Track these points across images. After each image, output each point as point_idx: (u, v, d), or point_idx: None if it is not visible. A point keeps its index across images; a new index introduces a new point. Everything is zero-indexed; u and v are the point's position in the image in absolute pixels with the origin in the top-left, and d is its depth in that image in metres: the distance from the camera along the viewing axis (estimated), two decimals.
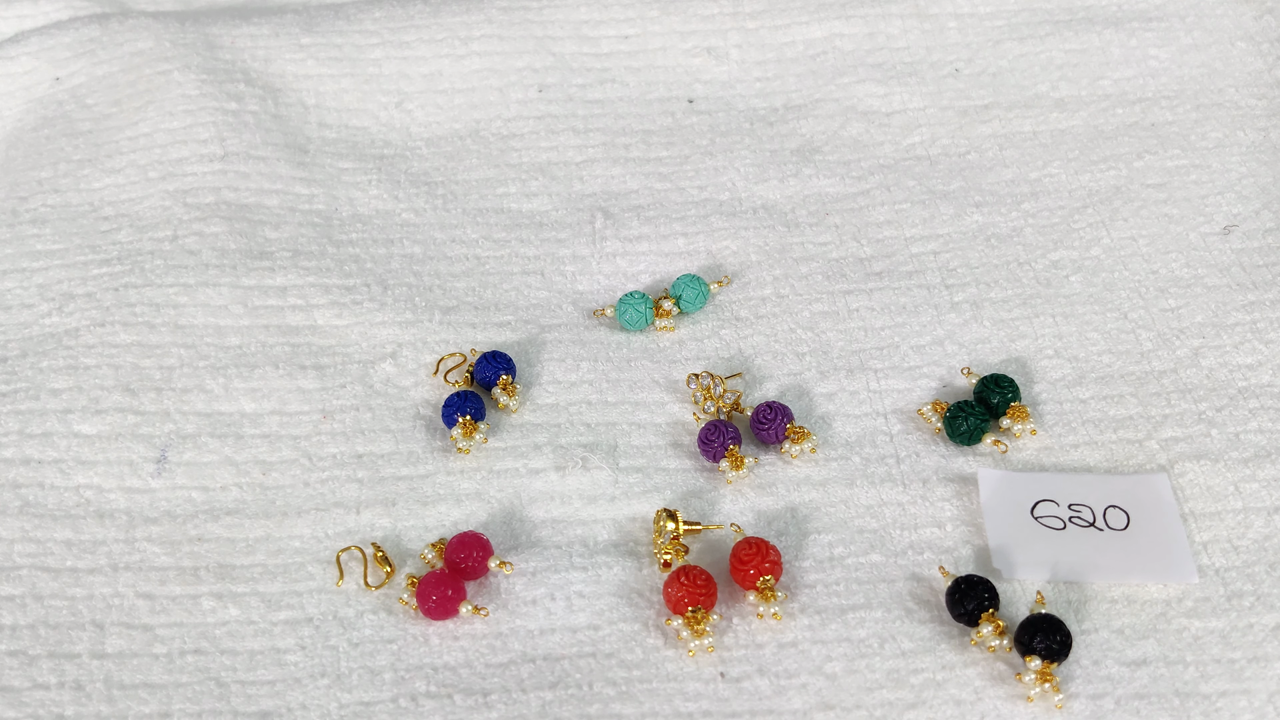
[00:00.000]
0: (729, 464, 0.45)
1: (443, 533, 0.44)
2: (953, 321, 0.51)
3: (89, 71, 0.64)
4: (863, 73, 0.63)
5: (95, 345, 0.50)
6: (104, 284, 0.53)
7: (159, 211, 0.56)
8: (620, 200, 0.58)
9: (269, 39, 0.64)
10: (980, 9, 0.65)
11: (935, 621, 0.41)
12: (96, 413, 0.48)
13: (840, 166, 0.58)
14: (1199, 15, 0.64)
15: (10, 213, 0.57)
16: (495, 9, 0.66)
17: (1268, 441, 0.45)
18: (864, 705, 0.38)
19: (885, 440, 0.46)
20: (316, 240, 0.55)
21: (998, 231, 0.55)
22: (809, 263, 0.54)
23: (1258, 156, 0.57)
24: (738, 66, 0.64)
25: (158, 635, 0.41)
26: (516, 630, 0.41)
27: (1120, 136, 0.59)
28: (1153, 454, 0.45)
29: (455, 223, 0.57)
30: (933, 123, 0.60)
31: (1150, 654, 0.39)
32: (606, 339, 0.51)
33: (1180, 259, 0.53)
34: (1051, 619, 0.38)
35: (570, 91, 0.63)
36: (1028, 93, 0.61)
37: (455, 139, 0.61)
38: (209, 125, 0.60)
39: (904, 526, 0.43)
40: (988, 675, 0.39)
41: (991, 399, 0.46)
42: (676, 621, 0.40)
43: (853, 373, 0.49)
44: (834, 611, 0.41)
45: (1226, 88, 0.61)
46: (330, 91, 0.63)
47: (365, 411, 0.48)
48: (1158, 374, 0.48)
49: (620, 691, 0.39)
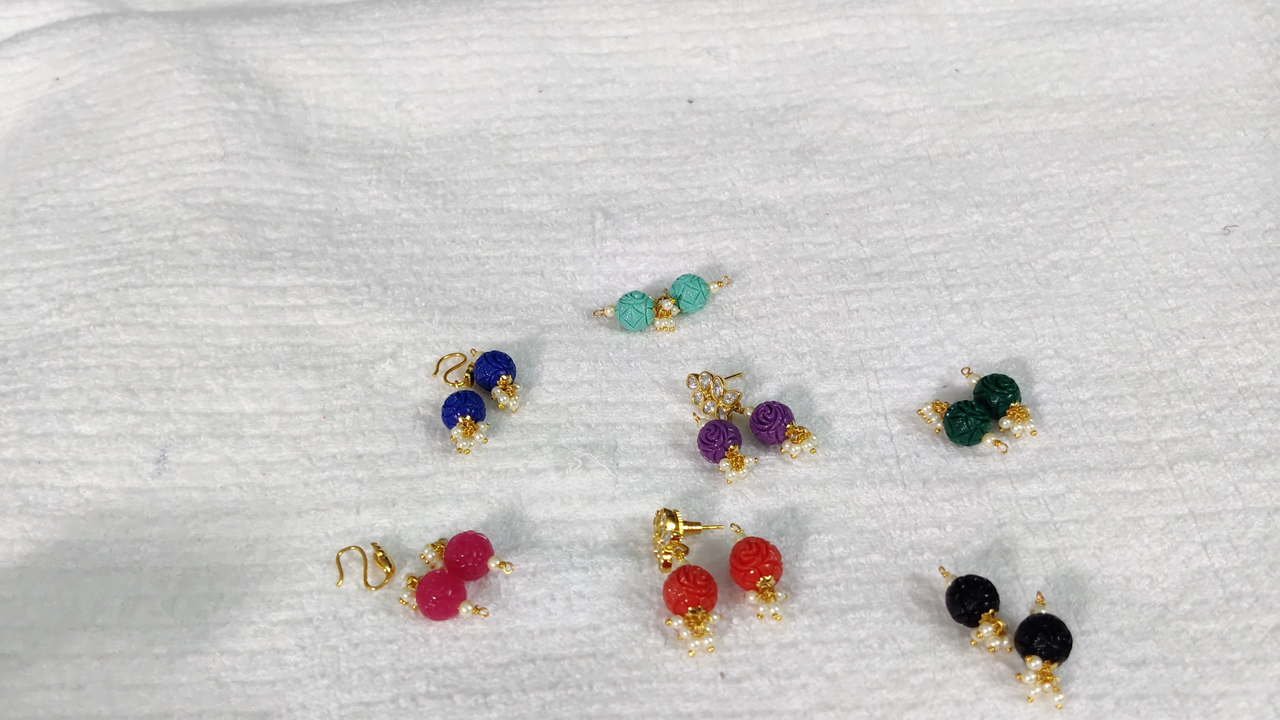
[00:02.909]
0: (729, 464, 0.45)
1: (443, 533, 0.44)
2: (953, 321, 0.51)
3: (89, 71, 0.64)
4: (863, 73, 0.63)
5: (95, 345, 0.50)
6: (104, 284, 0.53)
7: (159, 211, 0.56)
8: (620, 200, 0.58)
9: (269, 39, 0.64)
10: (980, 9, 0.65)
11: (935, 622, 0.41)
12: (96, 413, 0.48)
13: (840, 166, 0.58)
14: (1199, 15, 0.64)
15: (10, 213, 0.57)
16: (495, 9, 0.66)
17: (1268, 441, 0.45)
18: (864, 705, 0.38)
19: (885, 440, 0.46)
20: (316, 240, 0.55)
21: (998, 231, 0.55)
22: (809, 263, 0.54)
23: (1258, 156, 0.57)
24: (738, 66, 0.64)
25: (157, 636, 0.41)
26: (516, 630, 0.41)
27: (1120, 136, 0.59)
28: (1153, 455, 0.45)
29: (455, 223, 0.57)
30: (933, 123, 0.60)
31: (1150, 654, 0.39)
32: (606, 339, 0.51)
33: (1180, 259, 0.53)
34: (1052, 619, 0.39)
35: (570, 91, 0.63)
36: (1028, 93, 0.61)
37: (455, 139, 0.61)
38: (209, 125, 0.60)
39: (904, 527, 0.44)
40: (988, 675, 0.39)
41: (991, 399, 0.46)
42: (676, 622, 0.40)
43: (853, 373, 0.49)
44: (834, 612, 0.41)
45: (1226, 88, 0.61)
46: (330, 91, 0.63)
47: (365, 411, 0.48)
48: (1158, 374, 0.48)
49: (620, 691, 0.39)
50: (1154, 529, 0.43)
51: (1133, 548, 0.42)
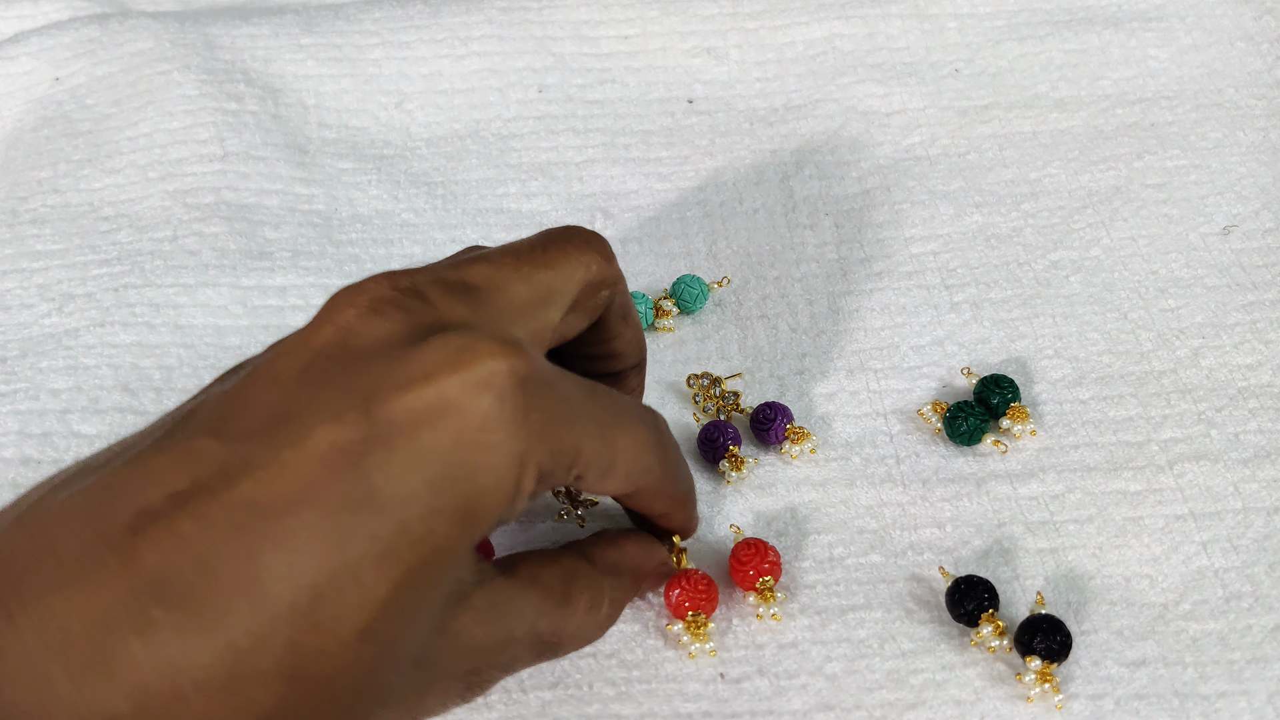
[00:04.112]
0: (729, 464, 0.45)
1: None
2: (953, 322, 0.51)
3: (89, 71, 0.64)
4: (863, 73, 0.63)
5: (95, 345, 0.50)
6: (104, 284, 0.53)
7: (159, 212, 0.56)
8: (620, 200, 0.58)
9: (269, 39, 0.64)
10: (980, 9, 0.65)
11: (935, 622, 0.41)
12: (96, 413, 0.48)
13: (840, 166, 0.58)
14: (1199, 15, 0.64)
15: (10, 213, 0.57)
16: (495, 9, 0.66)
17: (1268, 441, 0.45)
18: (864, 706, 0.38)
19: (885, 440, 0.46)
20: (316, 240, 0.55)
21: (998, 232, 0.55)
22: (809, 263, 0.54)
23: (1258, 156, 0.57)
24: (738, 66, 0.64)
25: None
26: None
27: (1120, 137, 0.59)
28: (1153, 455, 0.45)
29: (455, 223, 0.57)
30: (932, 123, 0.60)
31: (1149, 655, 0.39)
32: None
33: (1180, 259, 0.53)
34: (1051, 619, 0.39)
35: (570, 92, 0.63)
36: (1028, 93, 0.61)
37: (455, 139, 0.61)
38: (209, 125, 0.60)
39: (904, 527, 0.44)
40: (988, 675, 0.39)
41: (991, 399, 0.46)
42: (677, 626, 0.40)
43: (853, 373, 0.49)
44: (834, 612, 0.41)
45: (1226, 88, 0.61)
46: (330, 91, 0.63)
47: None
48: (1158, 374, 0.48)
49: (620, 692, 0.39)
50: (1154, 529, 0.43)
51: (1133, 548, 0.42)
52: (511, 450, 0.29)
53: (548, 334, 0.34)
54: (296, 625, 0.26)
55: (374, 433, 0.28)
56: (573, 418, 0.31)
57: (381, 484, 0.27)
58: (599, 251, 0.36)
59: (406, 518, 0.28)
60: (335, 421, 0.28)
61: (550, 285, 0.34)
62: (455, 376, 0.29)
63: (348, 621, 0.27)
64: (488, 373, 0.29)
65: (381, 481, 0.27)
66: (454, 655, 0.31)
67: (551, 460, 0.30)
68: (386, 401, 0.28)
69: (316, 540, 0.27)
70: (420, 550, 0.28)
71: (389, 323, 0.30)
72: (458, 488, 0.28)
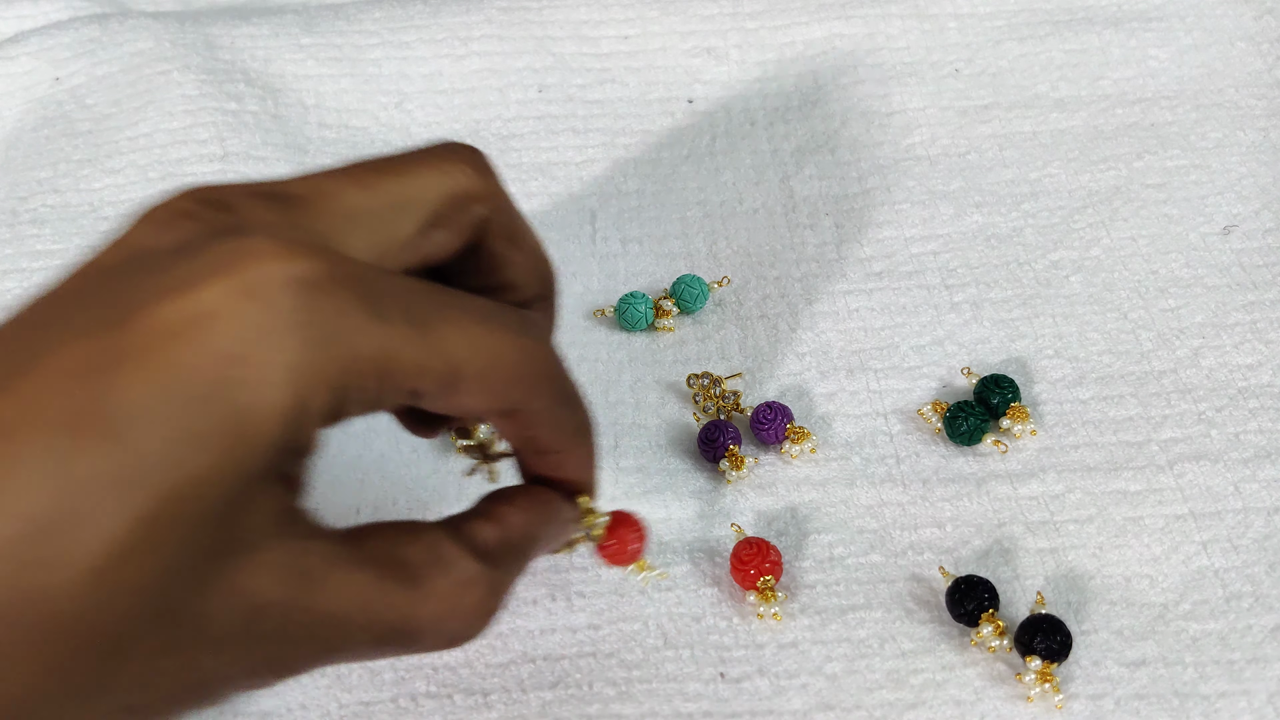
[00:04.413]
0: (729, 464, 0.45)
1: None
2: (953, 321, 0.51)
3: (89, 71, 0.64)
4: (863, 73, 0.63)
5: None
6: None
7: None
8: (620, 200, 0.58)
9: (269, 39, 0.64)
10: (980, 9, 0.65)
11: (935, 622, 0.41)
12: None
13: (840, 166, 0.58)
14: (1199, 15, 0.64)
15: (10, 213, 0.57)
16: (495, 9, 0.66)
17: (1268, 441, 0.45)
18: (864, 706, 0.38)
19: (885, 440, 0.46)
20: None
21: (998, 232, 0.55)
22: (809, 263, 0.54)
23: (1258, 156, 0.57)
24: (738, 66, 0.64)
25: None
26: (516, 630, 0.41)
27: (1120, 136, 0.59)
28: (1153, 455, 0.45)
29: None
30: (932, 123, 0.60)
31: (1149, 655, 0.39)
32: (606, 339, 0.51)
33: (1180, 259, 0.53)
34: (1052, 619, 0.39)
35: (570, 91, 0.63)
36: (1028, 93, 0.61)
37: (455, 139, 0.61)
38: (209, 125, 0.60)
39: (904, 527, 0.44)
40: (988, 675, 0.39)
41: (991, 399, 0.46)
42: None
43: (853, 373, 0.49)
44: (834, 612, 0.41)
45: (1226, 88, 0.61)
46: (330, 91, 0.63)
47: None
48: (1158, 374, 0.48)
49: (620, 691, 0.39)
50: (1154, 529, 0.43)
51: (1133, 548, 0.42)
52: (281, 363, 0.25)
53: (397, 248, 0.31)
54: (17, 559, 0.23)
55: (123, 349, 0.25)
56: (381, 321, 0.27)
57: (119, 404, 0.24)
58: (468, 162, 0.33)
59: (148, 442, 0.24)
60: (84, 337, 0.25)
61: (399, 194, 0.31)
62: (218, 283, 0.25)
63: (78, 558, 0.24)
64: (257, 277, 0.26)
65: (119, 401, 0.24)
66: (238, 617, 0.27)
67: (346, 374, 0.27)
68: (141, 313, 0.25)
69: (38, 467, 0.24)
70: (168, 479, 0.24)
71: (177, 234, 0.28)
72: (212, 408, 0.25)
